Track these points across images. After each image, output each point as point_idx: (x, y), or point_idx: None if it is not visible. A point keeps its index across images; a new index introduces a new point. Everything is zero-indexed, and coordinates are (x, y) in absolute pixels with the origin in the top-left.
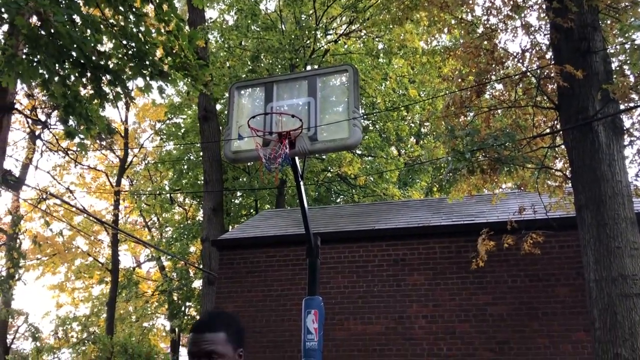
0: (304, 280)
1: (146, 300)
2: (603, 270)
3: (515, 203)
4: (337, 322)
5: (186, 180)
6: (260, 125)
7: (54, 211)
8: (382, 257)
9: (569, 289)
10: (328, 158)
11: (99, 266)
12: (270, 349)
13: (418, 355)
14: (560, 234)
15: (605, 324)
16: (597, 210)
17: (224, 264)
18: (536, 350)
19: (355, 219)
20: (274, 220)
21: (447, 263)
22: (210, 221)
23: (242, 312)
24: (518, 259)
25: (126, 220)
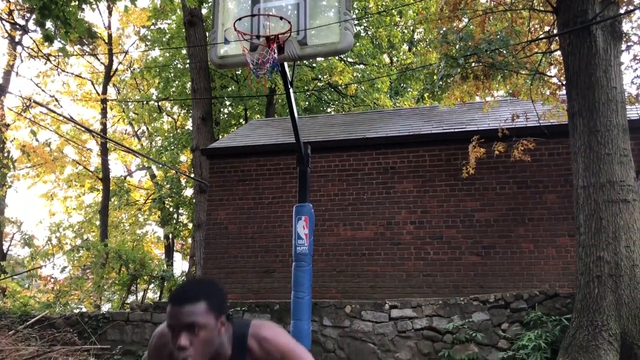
0: (295, 188)
1: (138, 208)
2: (592, 177)
3: (507, 111)
4: (327, 228)
5: (174, 88)
6: (247, 29)
7: (40, 120)
8: (372, 166)
9: (556, 196)
10: (318, 66)
11: (90, 175)
12: (262, 253)
13: (405, 259)
14: (550, 141)
15: (590, 228)
16: (589, 117)
17: (214, 172)
18: (521, 254)
19: (345, 128)
20: (263, 129)
21: (437, 171)
22: (200, 130)
23: (233, 219)
24: (507, 166)
25: (115, 129)
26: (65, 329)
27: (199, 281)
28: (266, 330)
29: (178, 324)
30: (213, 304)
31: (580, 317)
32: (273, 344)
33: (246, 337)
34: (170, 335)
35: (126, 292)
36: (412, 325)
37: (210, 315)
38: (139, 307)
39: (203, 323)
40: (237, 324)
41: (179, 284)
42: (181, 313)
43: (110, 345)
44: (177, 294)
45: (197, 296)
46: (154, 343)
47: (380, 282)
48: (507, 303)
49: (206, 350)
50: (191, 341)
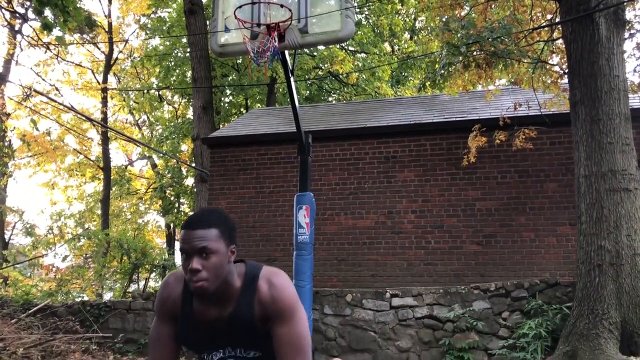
0: (296, 177)
1: (140, 197)
2: (593, 166)
3: (508, 100)
4: (328, 217)
5: (174, 77)
6: (247, 17)
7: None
8: (373, 155)
9: (557, 185)
10: (319, 55)
11: (91, 164)
12: (263, 242)
13: (406, 247)
14: (552, 130)
15: (592, 217)
16: (591, 106)
17: (215, 161)
18: (521, 243)
19: (346, 117)
20: (264, 118)
21: (438, 160)
22: (201, 119)
23: (234, 209)
24: (509, 155)
25: (116, 118)
26: (67, 318)
27: (212, 210)
28: (278, 278)
29: (190, 247)
30: (224, 231)
31: (581, 306)
32: (280, 293)
33: (257, 278)
34: (183, 260)
35: (128, 281)
36: (412, 314)
37: (221, 241)
38: (140, 296)
39: (214, 248)
40: (251, 265)
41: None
42: (194, 237)
43: (112, 334)
44: (191, 220)
45: (209, 222)
46: (161, 292)
47: (381, 270)
48: (507, 292)
49: (216, 275)
50: (202, 265)
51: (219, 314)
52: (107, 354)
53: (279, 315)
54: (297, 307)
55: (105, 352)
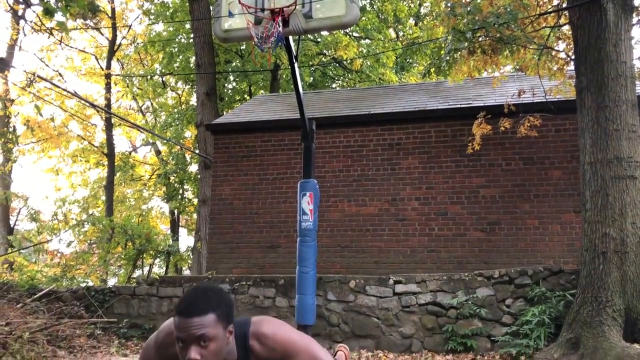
0: (299, 164)
1: (144, 184)
2: (599, 153)
3: (514, 86)
4: (332, 204)
5: (177, 63)
6: (251, 2)
7: (44, 95)
8: (378, 142)
9: (561, 172)
10: (323, 41)
11: (95, 150)
12: (267, 229)
13: (410, 235)
14: (557, 117)
15: (597, 205)
16: (598, 93)
17: (219, 148)
18: (525, 231)
19: (350, 104)
20: (268, 104)
21: (442, 147)
22: (204, 106)
23: (238, 195)
24: (513, 142)
25: (120, 104)
26: (72, 303)
27: (206, 291)
28: (265, 327)
29: (187, 336)
30: (221, 314)
31: (585, 293)
32: (273, 340)
33: (247, 337)
34: (179, 347)
35: (132, 266)
36: (416, 300)
37: (218, 325)
38: (145, 282)
39: (212, 335)
40: (238, 324)
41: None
42: (190, 326)
43: (117, 319)
44: (185, 306)
45: (205, 308)
46: (162, 339)
47: (384, 257)
48: (511, 279)
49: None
50: (201, 354)
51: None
52: (112, 339)
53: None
54: (296, 340)
55: (110, 337)
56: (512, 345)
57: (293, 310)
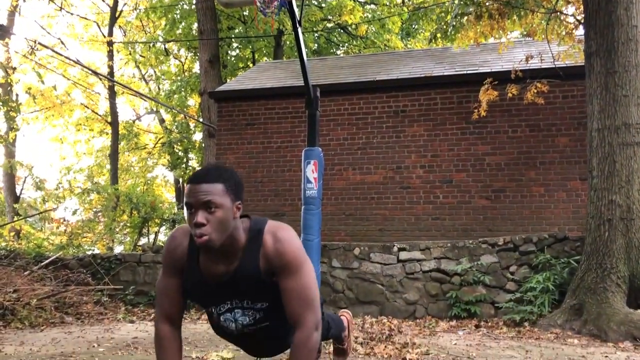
0: (304, 132)
1: (148, 152)
2: (607, 119)
3: (521, 52)
4: (337, 172)
5: (180, 30)
6: None
7: (47, 63)
8: (383, 109)
9: (568, 139)
10: (328, 5)
11: (99, 118)
12: (272, 197)
13: (414, 202)
14: (564, 83)
15: (604, 172)
16: (607, 57)
17: (222, 116)
18: (531, 198)
19: (355, 70)
20: (271, 71)
21: (448, 114)
22: (207, 73)
23: (242, 164)
24: (520, 109)
25: (122, 72)
26: (78, 270)
27: (218, 165)
28: (283, 232)
29: (195, 201)
30: (230, 186)
31: (589, 260)
32: (285, 246)
33: (262, 232)
34: (188, 214)
35: (137, 234)
36: (420, 267)
37: (226, 196)
38: (150, 249)
39: (219, 202)
40: (255, 219)
41: (199, 168)
42: (199, 191)
43: (123, 286)
44: (197, 174)
45: (215, 177)
46: (167, 245)
47: (389, 225)
48: (516, 246)
49: (221, 230)
50: (207, 219)
51: (225, 269)
52: (118, 306)
53: (285, 268)
54: (303, 259)
55: (116, 304)
56: (516, 312)
57: None
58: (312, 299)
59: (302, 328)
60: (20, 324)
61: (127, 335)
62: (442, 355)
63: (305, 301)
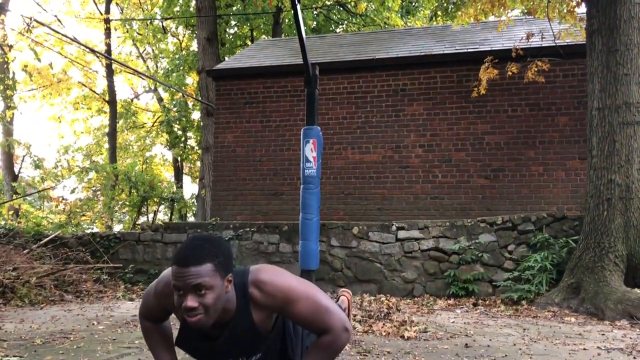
0: (302, 111)
1: (147, 131)
2: (607, 98)
3: (522, 30)
4: (335, 152)
5: (178, 7)
6: None
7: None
8: (382, 88)
9: (568, 118)
10: None
11: (97, 97)
12: (270, 176)
13: (413, 181)
14: (565, 62)
15: (603, 151)
16: (609, 36)
17: (221, 94)
18: (530, 177)
19: (355, 49)
20: (270, 49)
21: (448, 93)
22: (205, 51)
23: (241, 143)
24: (520, 88)
25: (120, 50)
26: (77, 249)
27: (204, 240)
28: (264, 274)
29: (184, 285)
30: (219, 263)
31: (588, 239)
32: (272, 286)
33: (247, 285)
34: (176, 296)
35: (137, 213)
36: (418, 246)
37: (216, 275)
38: (149, 228)
39: (210, 284)
40: (237, 273)
41: (183, 244)
42: (187, 275)
43: (122, 264)
44: (182, 255)
45: (202, 257)
46: (161, 289)
47: (387, 204)
48: (514, 225)
49: (214, 310)
50: (198, 302)
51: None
52: (118, 284)
53: (285, 304)
54: (295, 286)
55: (116, 282)
56: (514, 290)
57: (297, 256)
58: (325, 308)
59: (329, 333)
60: (20, 302)
61: (127, 313)
62: (440, 333)
63: (321, 313)
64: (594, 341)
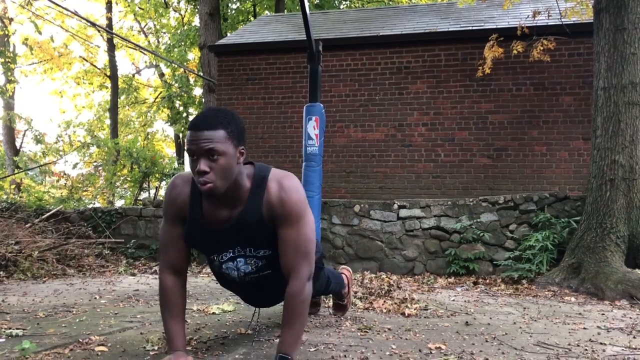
0: (305, 88)
1: (148, 106)
2: (613, 78)
3: (527, 8)
4: (338, 129)
5: None
6: None
7: (44, 14)
8: (386, 65)
9: (572, 98)
10: None
11: (98, 72)
12: (272, 154)
13: (416, 160)
14: (571, 40)
15: (608, 131)
16: (617, 14)
17: (223, 70)
18: (533, 157)
19: (358, 25)
20: (273, 25)
21: (452, 71)
22: (207, 26)
23: (243, 119)
24: (525, 67)
25: (121, 25)
26: (79, 223)
27: (219, 109)
28: (287, 181)
29: (197, 149)
30: (232, 132)
31: (590, 220)
32: (289, 195)
33: (266, 179)
34: (191, 161)
35: (138, 189)
36: (420, 225)
37: (229, 142)
38: (151, 203)
39: (222, 149)
40: (260, 166)
41: (200, 112)
42: (200, 139)
43: (124, 240)
44: (197, 121)
45: (216, 123)
46: (168, 193)
47: (389, 183)
48: (516, 205)
49: (225, 177)
50: (210, 166)
51: (229, 214)
52: (119, 259)
53: (286, 217)
54: (304, 210)
55: (118, 257)
56: (514, 270)
57: None
58: (309, 250)
59: (296, 278)
60: (23, 276)
61: (129, 288)
62: (440, 311)
63: (302, 252)
64: (594, 320)
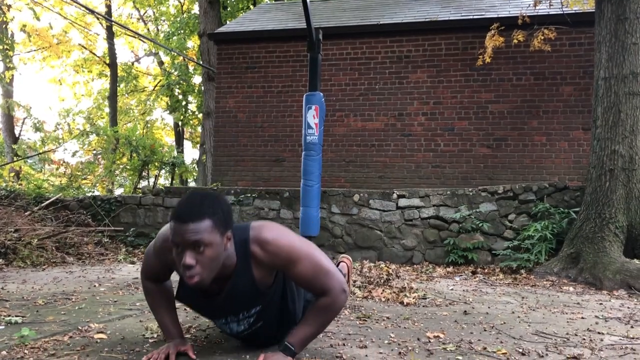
0: (305, 76)
1: (148, 94)
2: (614, 68)
3: None
4: (338, 119)
5: None
6: None
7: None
8: (386, 54)
9: (573, 88)
10: None
11: (97, 60)
12: (272, 143)
13: (415, 150)
14: (572, 30)
15: (608, 121)
16: (618, 3)
17: (222, 58)
18: (532, 147)
19: (359, 13)
20: (273, 13)
21: (452, 60)
22: (207, 14)
23: (242, 108)
24: (525, 56)
25: (121, 12)
26: (79, 212)
27: (203, 197)
28: (267, 232)
29: (182, 241)
30: (218, 219)
31: (589, 210)
32: (275, 245)
33: (248, 242)
34: (175, 252)
35: (137, 177)
36: (419, 214)
37: (215, 232)
38: (150, 192)
39: (208, 241)
40: (237, 229)
41: (182, 200)
42: (186, 231)
43: (124, 228)
44: (181, 212)
45: (201, 213)
46: (159, 245)
47: (389, 172)
48: (515, 194)
49: (212, 267)
50: (197, 259)
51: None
52: (119, 247)
53: (288, 262)
54: (299, 245)
55: (117, 245)
56: (513, 259)
57: (297, 222)
58: (325, 268)
59: (328, 295)
60: (22, 263)
61: (128, 276)
62: (439, 300)
63: (323, 274)
64: (592, 310)
